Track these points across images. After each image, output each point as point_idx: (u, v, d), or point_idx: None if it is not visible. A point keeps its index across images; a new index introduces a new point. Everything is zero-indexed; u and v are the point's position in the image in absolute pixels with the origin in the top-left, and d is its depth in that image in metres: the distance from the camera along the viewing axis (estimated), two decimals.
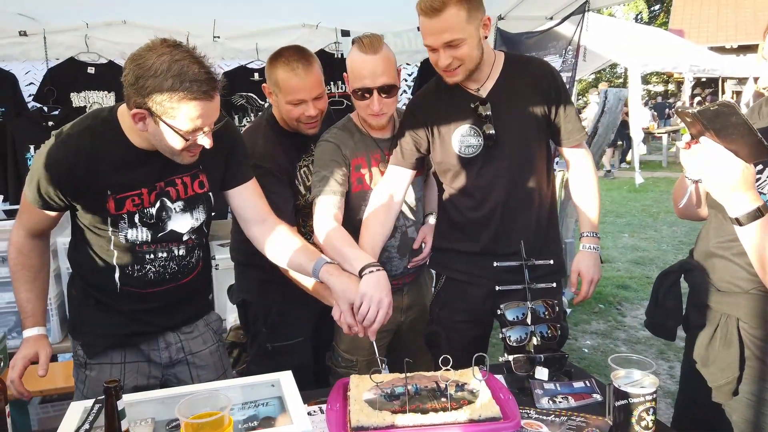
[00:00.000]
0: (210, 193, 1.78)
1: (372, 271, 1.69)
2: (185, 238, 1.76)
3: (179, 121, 1.49)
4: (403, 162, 2.04)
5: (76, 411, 1.43)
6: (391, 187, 2.04)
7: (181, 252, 1.77)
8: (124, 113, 1.60)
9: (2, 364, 2.51)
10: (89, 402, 1.45)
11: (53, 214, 1.70)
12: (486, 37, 1.90)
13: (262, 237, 1.82)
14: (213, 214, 1.85)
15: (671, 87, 22.14)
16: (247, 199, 1.83)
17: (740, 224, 1.27)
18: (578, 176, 2.11)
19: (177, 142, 1.54)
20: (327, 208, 1.96)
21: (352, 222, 2.06)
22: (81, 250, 1.76)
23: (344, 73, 2.03)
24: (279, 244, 1.81)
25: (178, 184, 1.71)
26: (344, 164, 2.04)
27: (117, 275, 1.72)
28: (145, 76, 1.44)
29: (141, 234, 1.69)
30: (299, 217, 2.16)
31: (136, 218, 1.67)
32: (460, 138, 1.98)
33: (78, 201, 1.65)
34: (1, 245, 2.72)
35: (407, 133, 2.03)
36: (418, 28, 1.90)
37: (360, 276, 1.70)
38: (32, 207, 1.66)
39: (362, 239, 1.95)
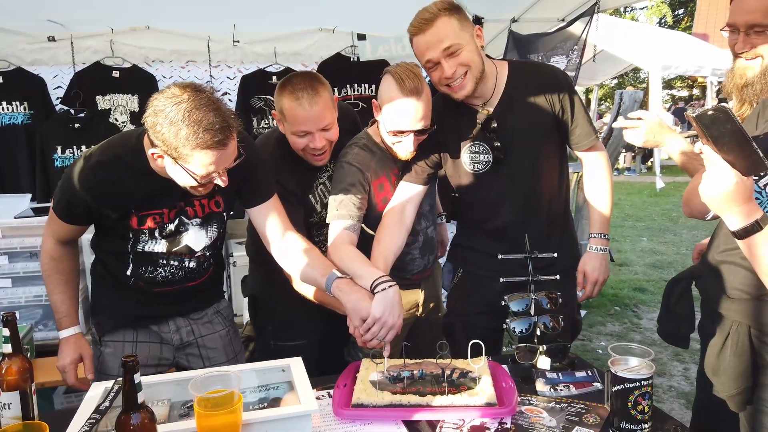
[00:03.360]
0: (224, 213, 1.88)
1: (384, 288, 1.69)
2: (198, 253, 1.87)
3: (194, 166, 1.55)
4: (415, 179, 2.05)
5: (97, 391, 1.51)
6: (403, 203, 2.03)
7: (192, 264, 1.88)
8: (148, 144, 1.66)
9: (30, 353, 2.62)
10: (109, 382, 1.53)
11: (81, 226, 1.83)
12: (483, 47, 1.91)
13: (281, 253, 1.87)
14: (225, 231, 1.95)
15: (696, 92, 21.84)
16: (267, 218, 1.86)
17: (739, 238, 1.25)
18: (591, 178, 2.13)
19: (191, 182, 1.61)
20: (342, 233, 1.92)
21: None
22: (102, 244, 1.90)
23: (374, 100, 1.98)
24: (296, 260, 1.84)
25: (196, 204, 1.81)
26: (364, 188, 1.99)
27: (129, 271, 1.84)
28: (163, 123, 1.50)
29: (158, 245, 1.81)
30: (312, 230, 2.15)
31: (156, 233, 1.79)
32: (470, 155, 2.01)
33: (103, 218, 1.77)
34: (29, 241, 2.84)
35: (418, 151, 2.02)
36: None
37: (372, 291, 1.71)
38: (59, 221, 1.78)
39: (374, 253, 1.94)
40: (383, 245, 1.97)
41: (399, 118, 1.88)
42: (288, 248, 1.85)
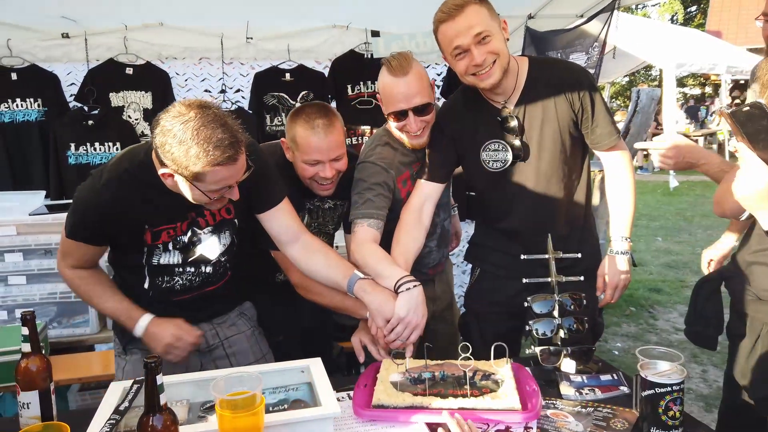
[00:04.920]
0: (236, 220, 1.86)
1: (409, 288, 1.70)
2: (213, 260, 1.85)
3: (205, 183, 1.54)
4: (432, 177, 2.03)
5: (116, 391, 1.49)
6: (421, 202, 2.02)
7: (208, 270, 1.85)
8: (158, 163, 1.62)
9: (45, 351, 2.61)
10: (128, 382, 1.51)
11: (97, 247, 1.76)
12: (507, 40, 1.88)
13: (299, 256, 1.84)
14: (239, 236, 1.90)
15: (708, 90, 21.62)
16: (279, 221, 1.84)
17: None
18: (612, 179, 2.05)
19: (204, 199, 1.59)
20: (366, 231, 1.92)
21: None
22: (118, 260, 1.86)
23: (378, 95, 2.00)
24: (314, 262, 1.83)
25: (207, 214, 1.78)
26: (389, 187, 2.00)
27: (147, 284, 1.81)
28: (172, 142, 1.48)
29: (173, 258, 1.78)
30: None
31: (170, 245, 1.76)
32: (489, 153, 1.98)
33: (118, 236, 1.73)
34: (43, 238, 2.84)
35: (436, 149, 2.02)
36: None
37: (396, 291, 1.71)
38: (77, 244, 1.71)
39: (394, 253, 1.93)
40: (403, 245, 1.95)
41: (393, 99, 1.91)
42: (305, 251, 1.83)
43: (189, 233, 1.78)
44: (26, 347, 1.41)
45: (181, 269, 1.81)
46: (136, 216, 1.68)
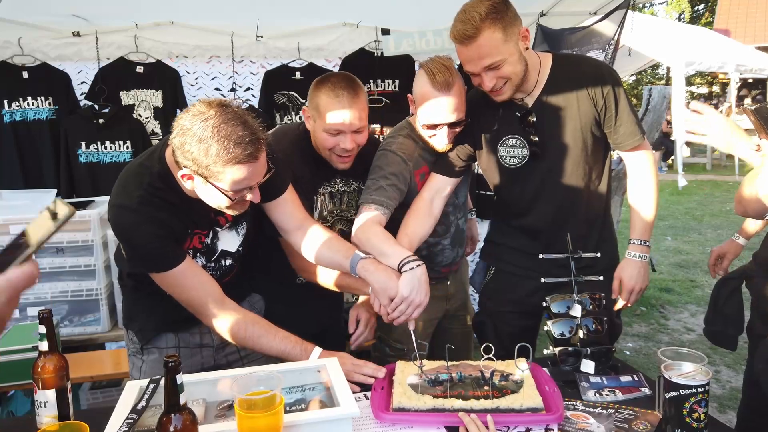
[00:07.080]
0: (249, 209, 1.81)
1: (412, 267, 1.69)
2: (234, 252, 1.83)
3: (225, 183, 1.50)
4: (447, 171, 2.02)
5: (132, 390, 1.48)
6: (432, 195, 2.01)
7: (228, 262, 1.84)
8: (173, 164, 1.59)
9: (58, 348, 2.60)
10: (145, 381, 1.50)
11: (185, 255, 1.65)
12: (527, 48, 1.84)
13: (301, 241, 1.84)
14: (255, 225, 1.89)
15: (716, 89, 21.50)
16: (284, 209, 1.83)
17: None
18: (635, 181, 2.00)
19: (224, 201, 1.56)
20: (373, 215, 1.87)
21: None
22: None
23: (409, 95, 1.98)
24: (316, 246, 1.82)
25: (225, 213, 1.74)
26: (405, 179, 1.97)
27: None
28: (191, 141, 1.45)
29: (199, 260, 1.76)
30: None
31: (198, 250, 1.75)
32: (506, 149, 1.97)
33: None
34: (54, 236, 2.82)
35: (452, 143, 2.01)
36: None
37: (399, 270, 1.70)
38: (179, 271, 1.62)
39: (400, 234, 1.91)
40: (410, 229, 1.95)
41: (431, 112, 1.89)
42: (307, 235, 1.83)
43: (211, 234, 1.76)
44: (44, 346, 1.40)
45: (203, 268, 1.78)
46: (173, 228, 1.64)
